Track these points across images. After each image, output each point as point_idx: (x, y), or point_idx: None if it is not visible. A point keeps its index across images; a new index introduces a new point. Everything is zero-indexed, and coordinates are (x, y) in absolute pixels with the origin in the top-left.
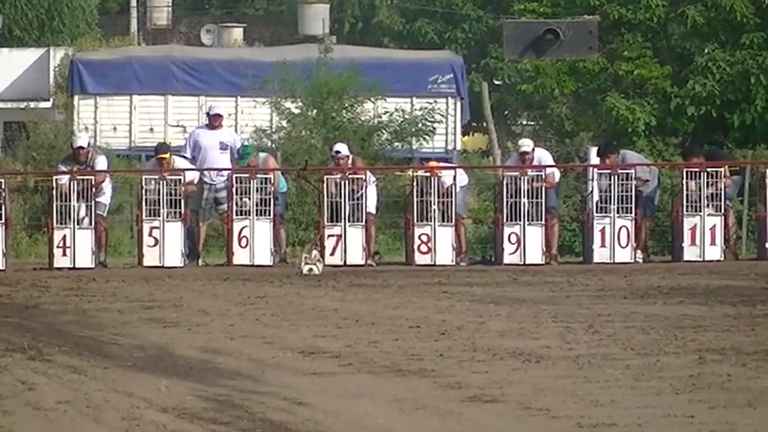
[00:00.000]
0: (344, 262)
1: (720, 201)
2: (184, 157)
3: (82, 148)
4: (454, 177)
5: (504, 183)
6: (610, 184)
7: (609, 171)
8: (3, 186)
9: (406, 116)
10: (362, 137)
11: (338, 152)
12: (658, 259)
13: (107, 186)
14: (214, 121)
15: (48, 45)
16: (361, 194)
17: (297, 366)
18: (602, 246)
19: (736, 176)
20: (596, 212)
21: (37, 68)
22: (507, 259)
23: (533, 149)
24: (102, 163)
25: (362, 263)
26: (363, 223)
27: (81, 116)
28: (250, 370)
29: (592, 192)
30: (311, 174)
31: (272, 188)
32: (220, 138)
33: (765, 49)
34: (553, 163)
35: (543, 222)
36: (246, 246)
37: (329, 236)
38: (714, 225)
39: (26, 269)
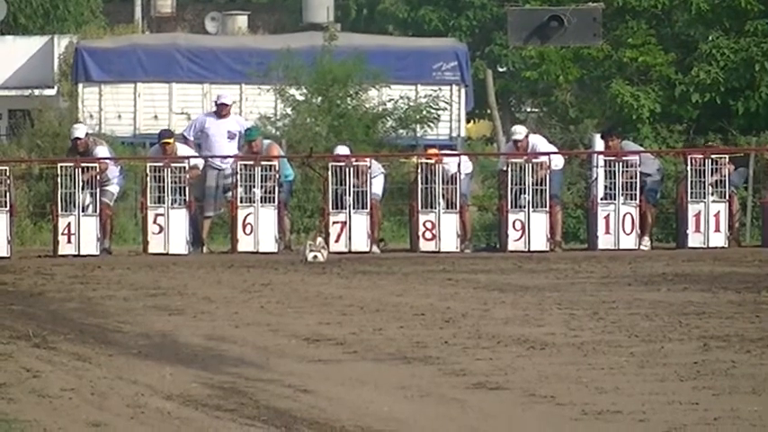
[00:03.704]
0: (349, 249)
1: (725, 187)
2: (185, 139)
3: (79, 138)
4: (458, 164)
5: (509, 170)
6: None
7: (614, 158)
8: (7, 174)
9: (411, 103)
10: (367, 124)
11: (338, 155)
12: (663, 246)
13: (115, 176)
14: (222, 110)
15: (52, 33)
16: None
17: (301, 353)
18: (607, 233)
19: (742, 168)
20: (601, 199)
21: (41, 56)
22: (512, 246)
23: (527, 136)
24: (102, 153)
25: (367, 250)
26: (368, 210)
27: (85, 104)
28: (255, 357)
29: (596, 179)
30: (316, 161)
31: (276, 175)
32: (228, 126)
33: None
34: (549, 148)
35: (548, 209)
36: (251, 233)
37: (334, 223)
38: (718, 212)
39: (31, 257)
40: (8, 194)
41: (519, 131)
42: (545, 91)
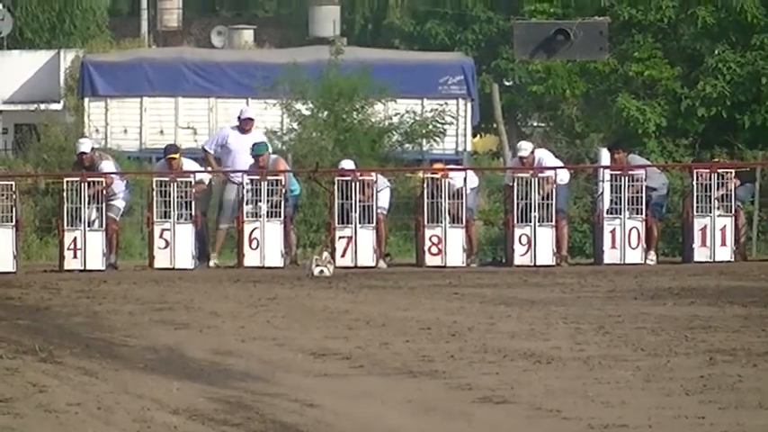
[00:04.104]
0: (355, 264)
1: (731, 202)
2: (206, 152)
3: (84, 153)
4: (464, 179)
5: (515, 185)
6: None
7: (619, 172)
8: (13, 188)
9: (417, 118)
10: (373, 138)
11: (343, 169)
12: (669, 260)
13: (121, 191)
14: (245, 125)
15: (58, 47)
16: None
17: (307, 368)
18: (613, 247)
19: (749, 183)
20: (606, 213)
21: (47, 71)
22: (518, 260)
23: (533, 152)
24: (107, 167)
25: (373, 264)
26: (374, 225)
27: (91, 118)
28: (261, 371)
29: (602, 193)
30: (322, 176)
31: (283, 190)
32: (251, 142)
33: None
34: (555, 163)
35: (554, 224)
36: (257, 248)
37: (340, 237)
38: (724, 226)
39: (37, 271)
40: (14, 209)
41: (524, 148)
42: (551, 105)
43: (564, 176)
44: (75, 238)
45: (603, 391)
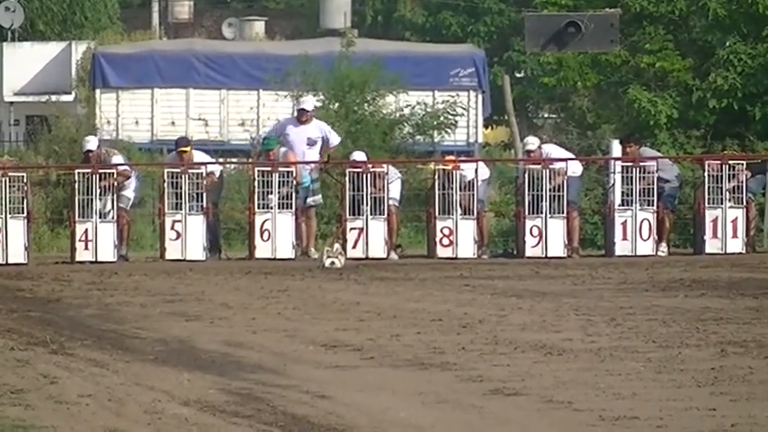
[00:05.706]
0: (366, 255)
1: (742, 193)
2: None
3: (90, 151)
4: (476, 170)
5: (526, 178)
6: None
7: (631, 164)
8: (25, 180)
9: (428, 109)
10: (384, 130)
11: (355, 161)
12: (680, 252)
13: (131, 181)
14: (301, 116)
15: (70, 39)
16: (382, 189)
17: (319, 360)
18: (624, 239)
19: (760, 175)
20: (618, 205)
21: (59, 62)
22: (529, 252)
23: (539, 146)
24: (117, 161)
25: (384, 256)
26: (385, 216)
27: (103, 110)
28: (272, 363)
29: (614, 185)
30: (333, 167)
31: (294, 182)
32: (308, 133)
33: None
34: (563, 156)
35: (565, 215)
36: (268, 239)
37: (351, 229)
38: (736, 218)
39: (48, 263)
40: (25, 201)
41: (531, 142)
42: (563, 97)
43: (577, 169)
44: (86, 230)
45: (614, 382)
